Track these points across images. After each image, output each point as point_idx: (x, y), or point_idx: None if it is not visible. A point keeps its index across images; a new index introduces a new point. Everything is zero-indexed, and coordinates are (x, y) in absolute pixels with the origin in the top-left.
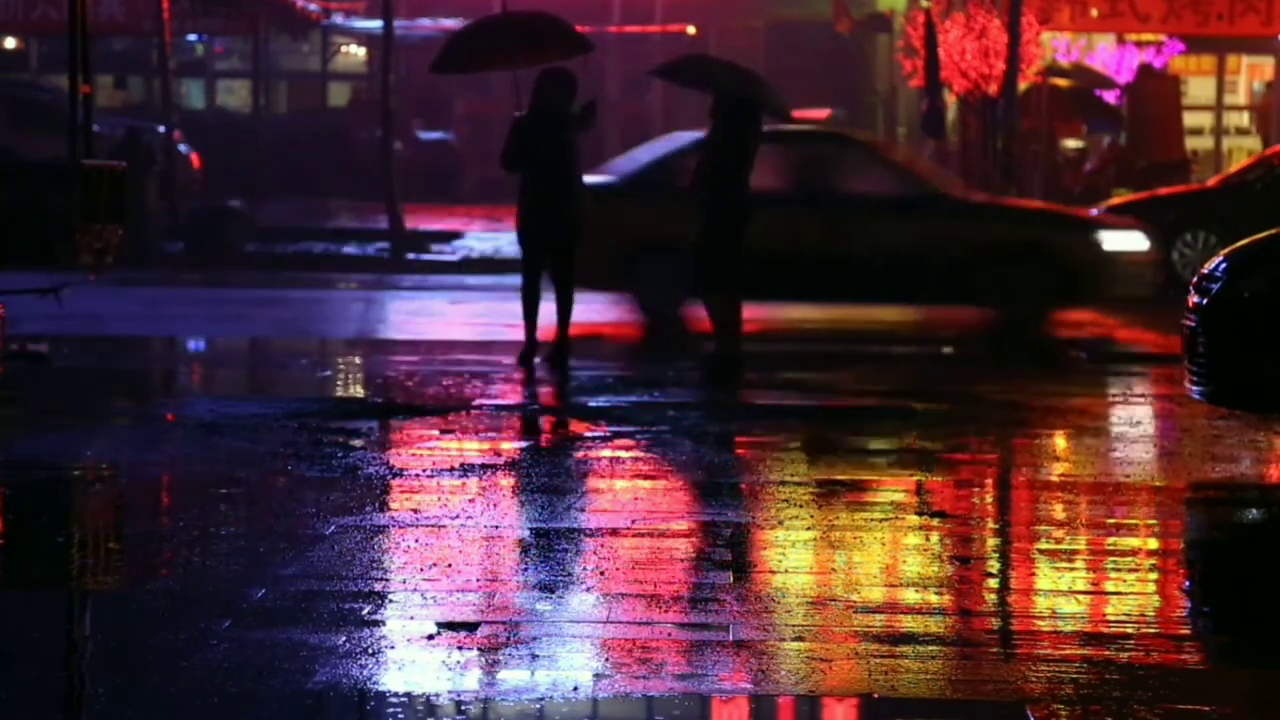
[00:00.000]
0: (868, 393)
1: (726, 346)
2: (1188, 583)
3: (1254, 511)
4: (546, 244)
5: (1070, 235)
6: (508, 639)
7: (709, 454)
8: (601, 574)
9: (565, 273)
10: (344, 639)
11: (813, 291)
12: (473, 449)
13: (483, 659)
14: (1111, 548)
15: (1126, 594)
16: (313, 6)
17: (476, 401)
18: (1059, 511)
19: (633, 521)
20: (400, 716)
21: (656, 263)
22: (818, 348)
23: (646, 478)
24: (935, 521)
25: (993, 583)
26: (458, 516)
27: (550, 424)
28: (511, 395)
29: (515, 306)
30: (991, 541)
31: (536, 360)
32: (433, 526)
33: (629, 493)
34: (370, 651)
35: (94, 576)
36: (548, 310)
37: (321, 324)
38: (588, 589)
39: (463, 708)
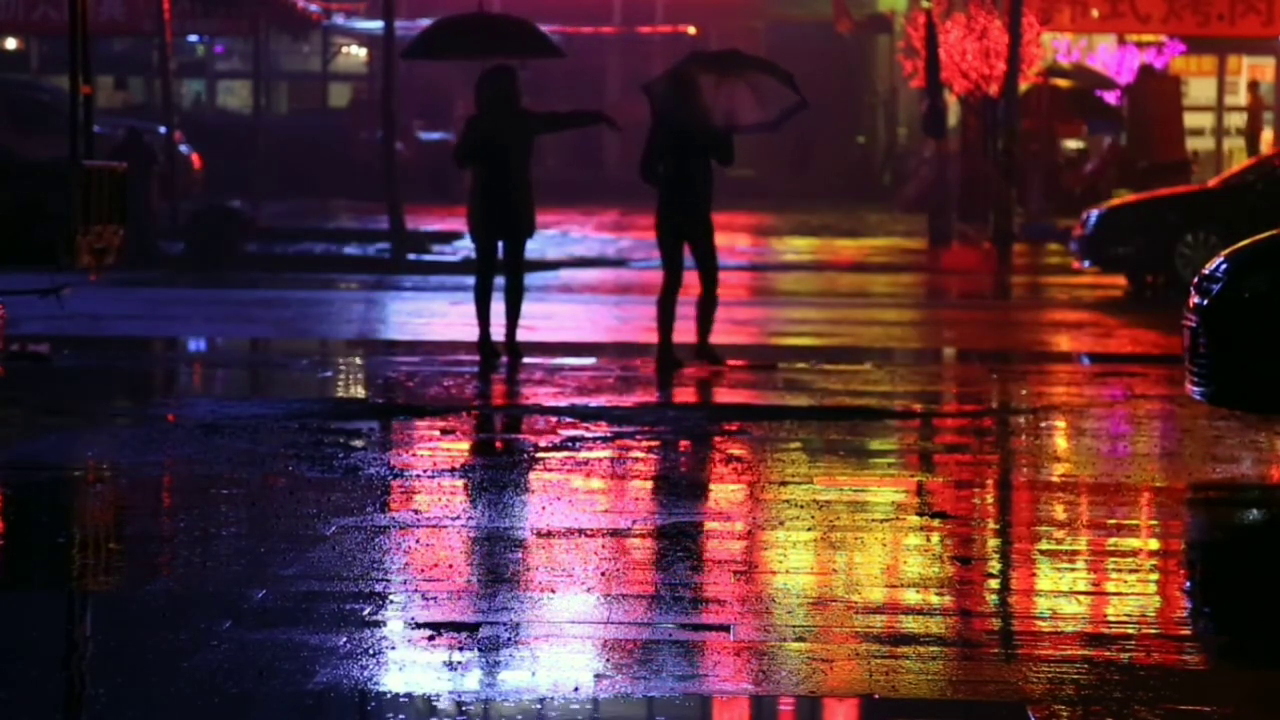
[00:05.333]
0: (868, 393)
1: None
2: (1188, 583)
3: (1255, 512)
4: (499, 238)
5: None
6: (508, 639)
7: (709, 454)
8: (601, 574)
9: (516, 267)
10: (344, 639)
11: None
12: (473, 449)
13: (483, 659)
14: (1112, 548)
15: (1127, 595)
16: (313, 7)
17: (476, 402)
18: (1060, 512)
19: (633, 522)
20: (400, 717)
21: None
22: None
23: (647, 478)
24: (936, 522)
25: (993, 583)
26: (458, 517)
27: (550, 424)
28: (511, 396)
29: None
30: (992, 542)
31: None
32: (433, 527)
33: (629, 493)
34: (371, 652)
35: (94, 577)
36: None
37: (322, 324)
38: (588, 589)
39: (463, 708)
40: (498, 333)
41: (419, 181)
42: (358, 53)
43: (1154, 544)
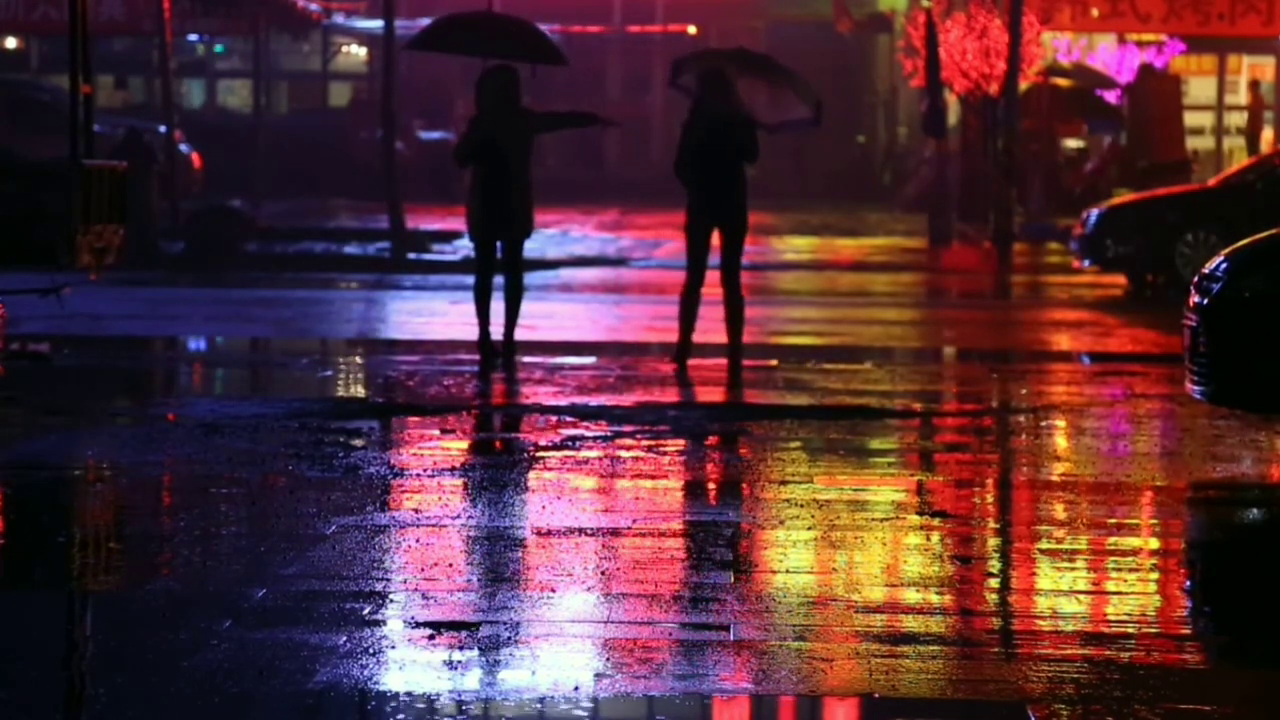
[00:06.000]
0: (868, 393)
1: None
2: (1188, 583)
3: (1255, 511)
4: (497, 238)
5: None
6: (508, 639)
7: (709, 453)
8: (601, 574)
9: (515, 266)
10: (345, 639)
11: None
12: (473, 449)
13: (483, 659)
14: (1112, 548)
15: (1127, 594)
16: (313, 6)
17: (476, 401)
18: (1060, 511)
19: (633, 521)
20: (400, 716)
21: None
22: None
23: (647, 477)
24: (936, 521)
25: (993, 582)
26: (458, 516)
27: (551, 423)
28: (511, 395)
29: None
30: (992, 541)
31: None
32: (433, 526)
33: (629, 492)
34: (371, 651)
35: (94, 576)
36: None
37: (322, 324)
38: (588, 589)
39: (463, 708)
40: (498, 332)
41: (419, 181)
42: (358, 52)
43: (1154, 543)
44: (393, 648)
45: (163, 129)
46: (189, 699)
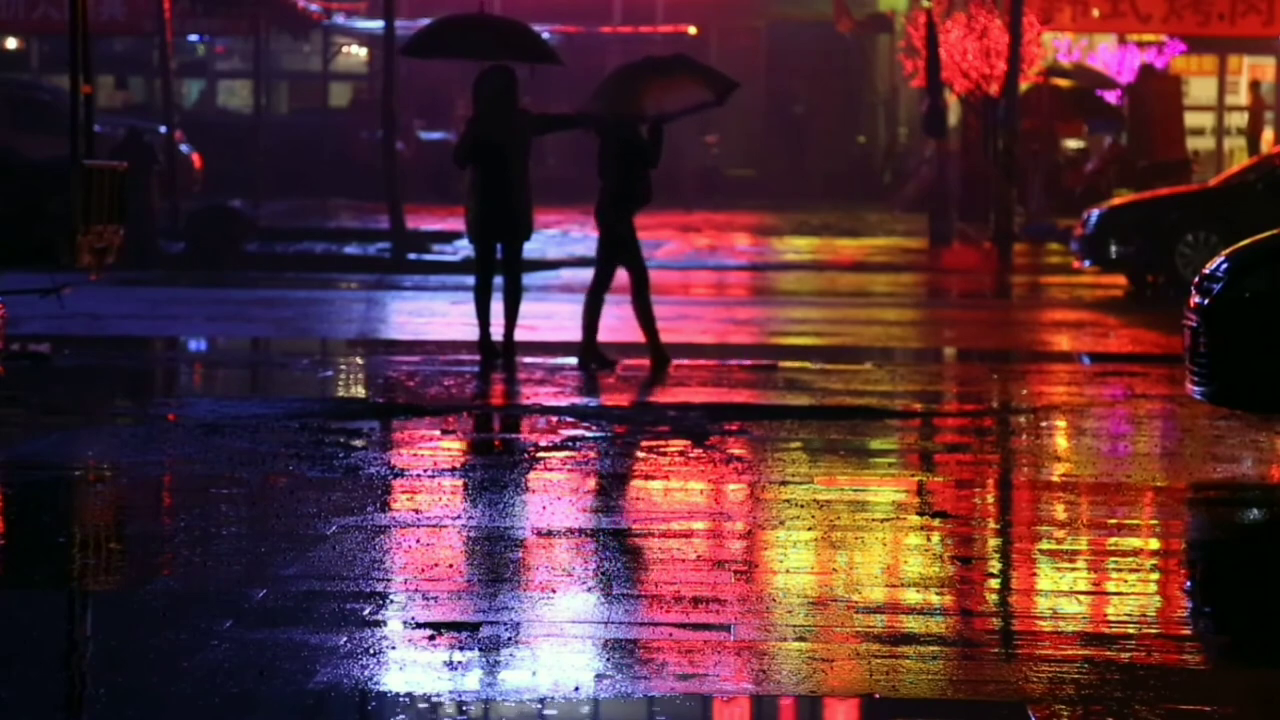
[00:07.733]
0: (868, 393)
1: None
2: (1188, 583)
3: (1255, 512)
4: (496, 240)
5: None
6: (508, 639)
7: (709, 454)
8: (601, 574)
9: (513, 267)
10: (345, 639)
11: None
12: (473, 449)
13: (483, 659)
14: (1113, 548)
15: (1128, 594)
16: (314, 6)
17: (477, 402)
18: (1060, 512)
19: (633, 522)
20: (401, 717)
21: None
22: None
23: (646, 478)
24: (936, 522)
25: (994, 583)
26: (458, 517)
27: (550, 424)
28: (511, 395)
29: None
30: (992, 542)
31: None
32: (433, 527)
33: (629, 493)
34: (371, 651)
35: (94, 576)
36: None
37: (322, 324)
38: (588, 589)
39: (463, 708)
40: (498, 332)
41: (419, 181)
42: (358, 52)
43: (1154, 544)
44: (393, 648)
45: (163, 129)
46: (189, 699)
